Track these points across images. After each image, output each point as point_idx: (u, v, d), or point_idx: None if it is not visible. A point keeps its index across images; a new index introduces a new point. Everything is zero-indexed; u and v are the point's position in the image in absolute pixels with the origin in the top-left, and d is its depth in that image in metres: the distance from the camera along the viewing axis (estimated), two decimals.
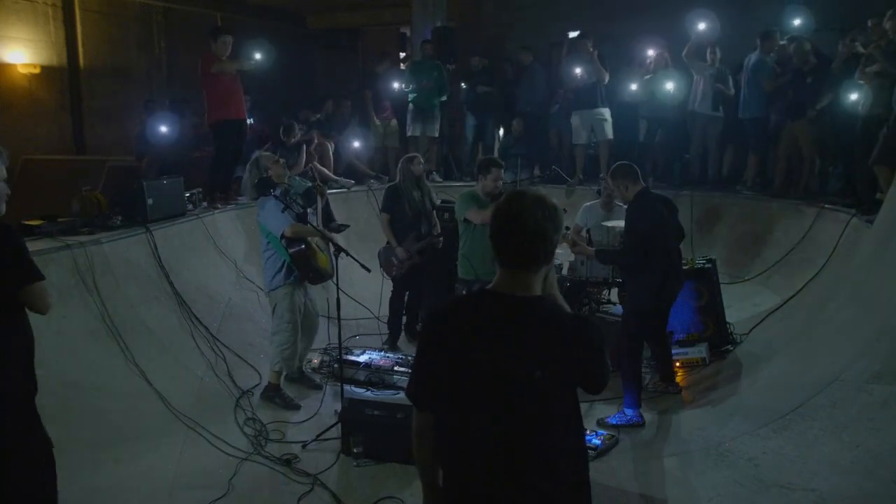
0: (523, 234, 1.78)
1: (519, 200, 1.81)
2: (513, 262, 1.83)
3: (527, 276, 1.83)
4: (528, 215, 1.78)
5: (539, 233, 1.79)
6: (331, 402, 4.91)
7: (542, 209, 1.80)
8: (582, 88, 8.54)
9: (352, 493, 3.83)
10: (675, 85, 8.24)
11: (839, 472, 3.35)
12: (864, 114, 6.18)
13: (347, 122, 9.30)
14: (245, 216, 6.87)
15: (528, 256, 1.81)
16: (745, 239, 7.37)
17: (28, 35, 8.83)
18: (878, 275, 4.51)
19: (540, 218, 1.79)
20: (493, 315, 1.83)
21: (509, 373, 1.78)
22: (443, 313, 1.96)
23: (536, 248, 1.80)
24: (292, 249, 4.72)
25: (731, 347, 5.65)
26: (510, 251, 1.82)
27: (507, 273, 1.85)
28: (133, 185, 5.93)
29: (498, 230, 1.83)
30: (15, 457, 2.65)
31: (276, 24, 12.20)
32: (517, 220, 1.79)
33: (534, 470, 1.79)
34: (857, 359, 3.93)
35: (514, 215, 1.80)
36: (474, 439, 1.83)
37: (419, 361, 1.97)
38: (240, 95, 6.95)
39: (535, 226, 1.78)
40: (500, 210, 1.83)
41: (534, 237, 1.79)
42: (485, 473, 1.82)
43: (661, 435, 4.42)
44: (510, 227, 1.81)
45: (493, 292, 1.86)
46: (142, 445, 4.19)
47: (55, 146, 9.17)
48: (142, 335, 5.03)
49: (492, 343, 1.80)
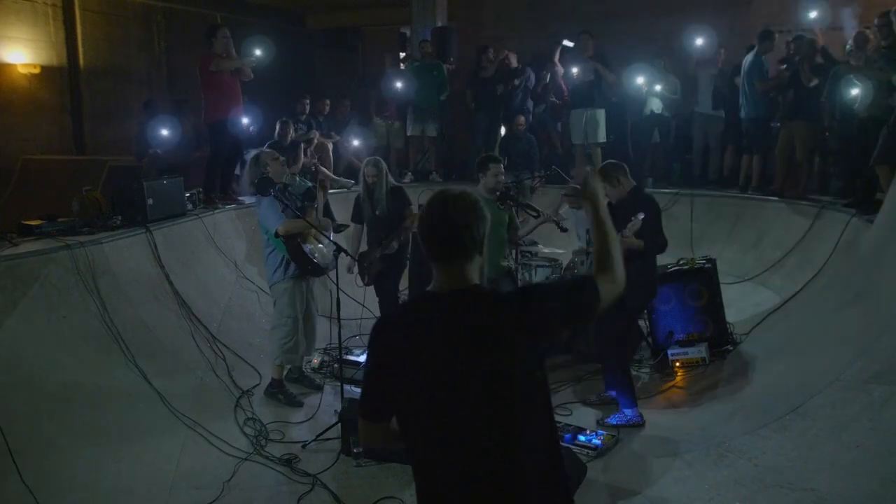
0: (454, 227, 1.88)
1: (442, 199, 1.92)
2: (450, 258, 1.90)
3: (465, 268, 1.90)
4: (454, 210, 1.90)
5: (467, 224, 1.89)
6: (331, 402, 4.91)
7: (465, 202, 1.91)
8: (579, 86, 8.55)
9: (352, 493, 3.83)
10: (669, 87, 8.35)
11: (839, 472, 3.35)
12: (864, 114, 6.18)
13: (347, 121, 9.30)
14: (245, 216, 6.87)
15: (461, 248, 1.89)
16: (745, 239, 7.37)
17: (28, 35, 8.84)
18: (878, 275, 4.51)
19: (463, 209, 1.90)
20: (447, 315, 1.88)
21: (480, 367, 1.82)
22: (392, 323, 2.04)
23: (465, 239, 1.88)
24: (290, 244, 4.77)
25: (731, 347, 5.65)
26: (445, 247, 1.90)
27: (445, 271, 1.91)
28: (133, 185, 5.93)
29: (430, 230, 1.91)
30: None
31: (276, 24, 12.20)
32: (445, 217, 1.90)
33: (523, 456, 1.83)
34: (857, 359, 3.93)
35: (441, 213, 1.90)
36: (455, 443, 1.84)
37: (373, 376, 1.99)
38: (238, 96, 6.91)
39: (462, 219, 1.89)
40: (427, 212, 1.93)
41: (463, 229, 1.88)
42: (475, 469, 1.83)
43: (661, 435, 4.42)
44: (440, 224, 1.90)
45: (438, 293, 1.92)
46: (142, 445, 4.19)
47: (55, 146, 9.18)
48: (142, 335, 5.03)
49: (453, 342, 1.84)
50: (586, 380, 5.36)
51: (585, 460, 3.87)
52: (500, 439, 1.81)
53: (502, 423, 1.81)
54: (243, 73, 6.86)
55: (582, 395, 5.09)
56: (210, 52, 6.69)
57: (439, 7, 10.22)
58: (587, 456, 4.02)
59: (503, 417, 1.81)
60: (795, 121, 7.26)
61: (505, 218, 5.10)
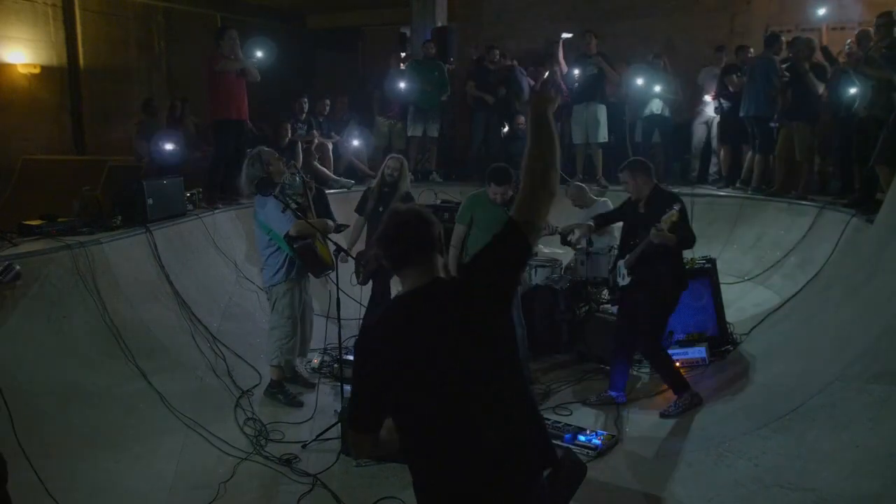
0: (414, 230, 2.08)
1: (397, 214, 2.16)
2: (417, 256, 2.07)
3: (429, 263, 2.08)
4: (409, 218, 2.12)
5: (427, 225, 2.10)
6: (331, 402, 4.91)
7: (417, 210, 2.18)
8: (582, 81, 8.56)
9: (352, 493, 3.83)
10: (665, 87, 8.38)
11: (839, 472, 3.35)
12: (864, 114, 6.18)
13: (346, 121, 9.30)
14: (245, 216, 6.86)
15: (425, 246, 2.08)
16: (745, 239, 7.37)
17: (28, 35, 8.84)
18: (878, 275, 4.51)
19: (417, 214, 2.13)
20: (421, 309, 2.02)
21: (466, 345, 1.97)
22: (375, 333, 2.13)
23: (426, 235, 2.08)
24: (297, 245, 4.75)
25: (731, 347, 5.65)
26: (411, 249, 2.08)
27: (413, 271, 2.07)
28: (133, 185, 5.93)
29: (393, 240, 2.10)
30: None
31: (277, 24, 12.20)
32: (403, 224, 2.10)
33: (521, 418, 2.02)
34: (857, 359, 3.93)
35: (400, 222, 2.11)
36: (460, 423, 1.93)
37: (365, 388, 2.06)
38: (242, 96, 7.00)
39: (417, 222, 2.10)
40: (388, 226, 2.13)
41: (418, 226, 2.09)
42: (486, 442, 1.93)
43: (661, 435, 4.42)
44: (402, 231, 2.09)
45: (406, 293, 2.07)
46: (142, 445, 4.19)
47: (55, 146, 9.17)
48: (142, 335, 5.03)
49: (445, 333, 1.97)
50: (586, 380, 5.36)
51: (585, 460, 3.86)
52: (501, 406, 1.96)
53: (499, 389, 1.98)
54: (250, 75, 6.98)
55: (582, 395, 5.09)
56: (217, 52, 6.84)
57: (439, 7, 10.22)
58: (587, 456, 4.02)
59: (499, 384, 1.98)
60: (795, 121, 7.26)
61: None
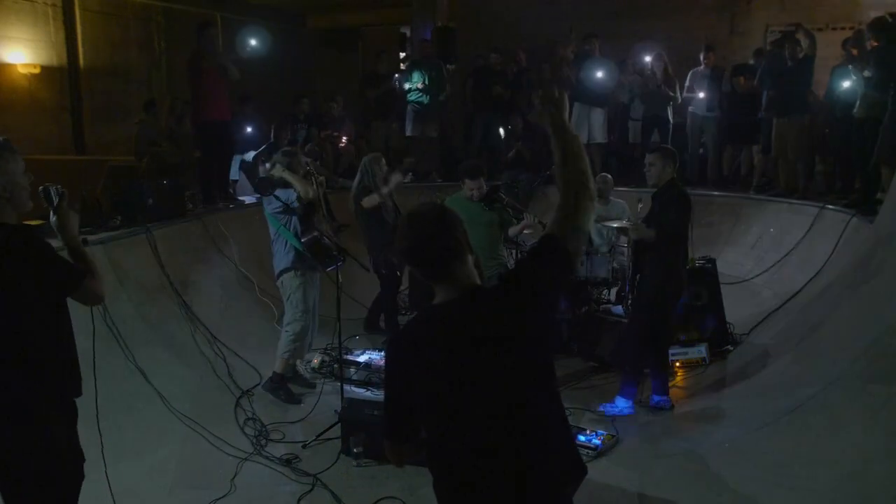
0: (424, 245, 1.91)
1: (414, 219, 1.95)
2: (441, 266, 1.92)
3: (455, 275, 1.91)
4: (429, 226, 1.91)
5: (448, 230, 1.91)
6: (331, 402, 4.91)
7: (434, 213, 1.95)
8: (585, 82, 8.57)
9: (352, 493, 3.83)
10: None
11: (839, 472, 3.35)
12: (861, 115, 6.18)
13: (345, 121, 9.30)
14: (245, 216, 6.86)
15: (449, 256, 1.91)
16: (745, 239, 7.37)
17: (28, 35, 8.83)
18: (878, 275, 4.51)
19: (435, 220, 1.92)
20: (455, 321, 1.89)
21: (498, 359, 1.85)
22: (405, 341, 2.03)
23: (450, 246, 1.91)
24: (304, 238, 4.78)
25: (731, 347, 5.66)
26: (435, 261, 1.92)
27: (443, 284, 1.93)
28: (133, 185, 5.93)
29: (413, 250, 1.93)
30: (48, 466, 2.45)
31: (276, 24, 12.19)
32: (412, 237, 1.92)
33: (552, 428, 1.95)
34: (857, 359, 3.93)
35: (407, 235, 1.92)
36: (490, 436, 1.86)
37: (395, 398, 1.99)
38: (223, 95, 6.85)
39: (436, 230, 1.90)
40: (399, 238, 1.94)
41: (430, 241, 1.90)
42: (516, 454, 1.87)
43: (661, 435, 4.42)
44: (416, 247, 1.92)
45: (440, 303, 1.93)
46: (142, 445, 4.19)
47: (55, 146, 9.16)
48: (142, 335, 5.02)
49: (467, 344, 1.86)
50: (586, 380, 5.36)
51: (585, 460, 3.84)
52: (533, 418, 1.88)
53: (532, 403, 1.88)
54: (229, 73, 6.73)
55: (584, 396, 5.07)
56: (197, 49, 6.70)
57: (439, 7, 10.23)
58: (587, 456, 4.01)
59: (531, 397, 1.88)
60: (783, 118, 7.22)
61: (494, 218, 5.09)
